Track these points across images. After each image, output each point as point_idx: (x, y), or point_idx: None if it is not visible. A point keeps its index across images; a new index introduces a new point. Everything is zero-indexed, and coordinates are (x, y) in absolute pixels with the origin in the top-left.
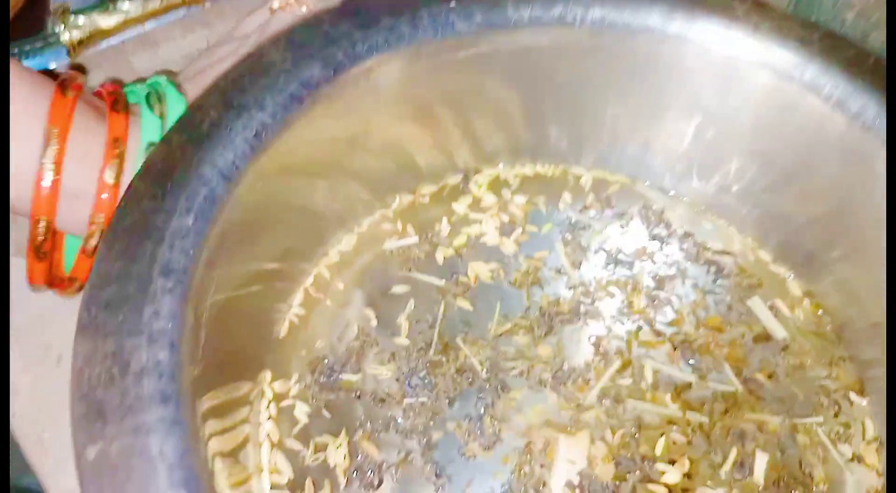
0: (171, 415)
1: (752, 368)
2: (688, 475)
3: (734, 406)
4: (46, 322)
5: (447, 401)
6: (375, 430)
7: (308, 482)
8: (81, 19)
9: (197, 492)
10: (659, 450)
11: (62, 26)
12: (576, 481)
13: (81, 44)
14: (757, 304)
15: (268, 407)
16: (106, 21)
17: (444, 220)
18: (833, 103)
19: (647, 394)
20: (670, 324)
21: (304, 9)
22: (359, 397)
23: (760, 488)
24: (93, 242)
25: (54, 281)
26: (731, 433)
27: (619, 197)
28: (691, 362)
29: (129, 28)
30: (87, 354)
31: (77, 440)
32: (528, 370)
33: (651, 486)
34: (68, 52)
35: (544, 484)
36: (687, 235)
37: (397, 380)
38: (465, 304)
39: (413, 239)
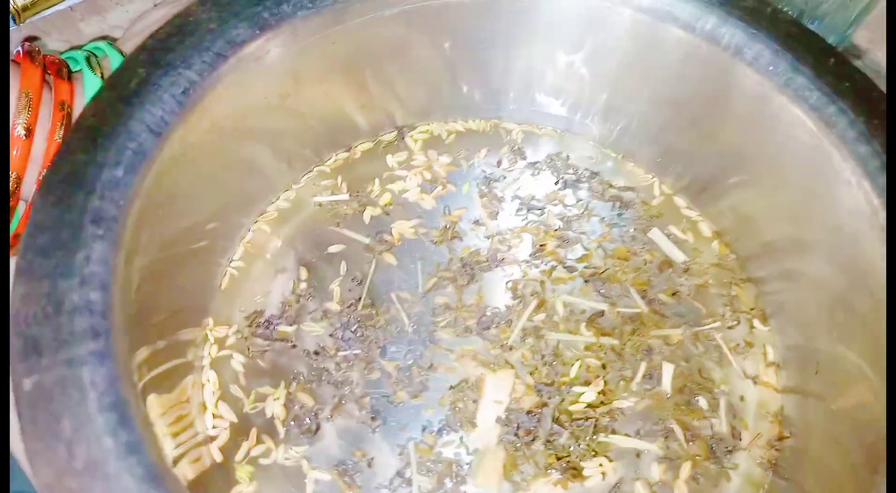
0: (102, 349)
1: (656, 290)
2: (603, 393)
3: (641, 326)
4: None
5: (378, 352)
6: (310, 381)
7: (253, 432)
8: None
9: (125, 415)
10: (574, 374)
11: None
12: (503, 414)
13: (27, 10)
14: (657, 234)
15: (209, 353)
16: None
17: (376, 181)
18: (732, 51)
19: (560, 326)
20: (580, 260)
21: None
22: (293, 347)
23: (668, 395)
24: None
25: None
26: (639, 350)
27: (530, 147)
28: (601, 291)
29: None
30: (24, 295)
31: (15, 374)
32: (454, 320)
33: (572, 407)
34: (14, 19)
35: (473, 421)
36: (593, 175)
37: (330, 335)
38: (391, 260)
39: (344, 196)
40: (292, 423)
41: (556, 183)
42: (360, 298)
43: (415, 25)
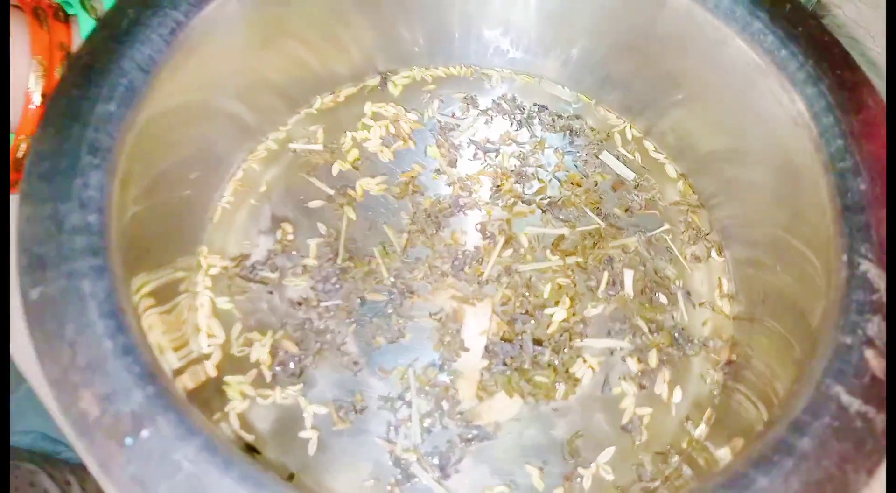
0: (100, 264)
1: (610, 205)
2: (572, 306)
3: (600, 239)
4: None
5: (358, 301)
6: (295, 330)
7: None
8: None
9: (122, 322)
10: (547, 295)
11: None
12: (484, 344)
13: None
14: (607, 156)
15: (202, 279)
16: None
17: (348, 133)
18: None
19: (528, 257)
20: (537, 192)
21: None
22: (270, 293)
23: (631, 297)
24: None
25: None
26: (601, 261)
27: (480, 92)
28: (560, 217)
29: None
30: (28, 216)
31: (22, 285)
32: (429, 268)
33: (549, 329)
34: None
35: (459, 352)
36: (541, 109)
37: (311, 288)
38: (353, 214)
39: (318, 146)
40: (278, 368)
41: (509, 123)
42: (337, 252)
43: None
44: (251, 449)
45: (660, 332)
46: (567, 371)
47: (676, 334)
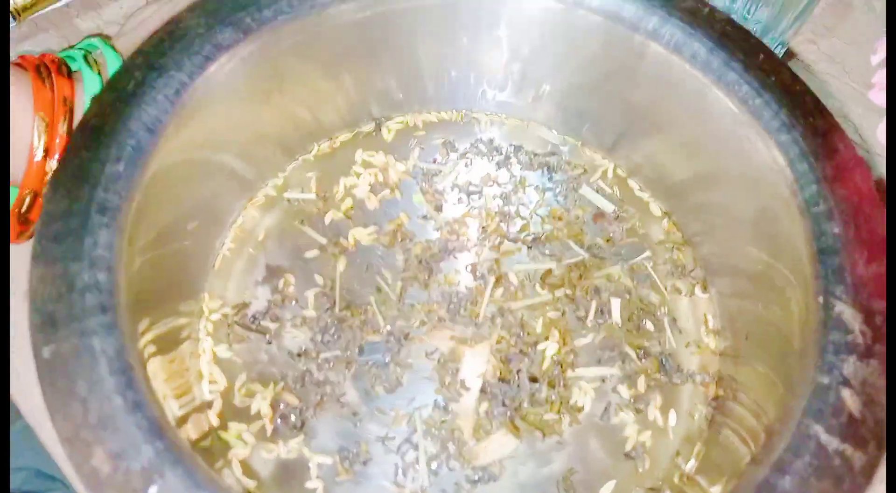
0: (109, 321)
1: (592, 237)
2: (562, 339)
3: (585, 270)
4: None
5: (357, 351)
6: (294, 382)
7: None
8: None
9: (131, 378)
10: (539, 330)
11: None
12: (480, 386)
13: (27, 9)
14: (586, 190)
15: (205, 326)
16: None
17: (342, 180)
18: (672, 48)
19: (518, 294)
20: (521, 230)
21: None
22: (269, 343)
23: (619, 325)
24: None
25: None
26: (588, 291)
27: (457, 136)
28: (546, 252)
29: None
30: (40, 276)
31: (35, 343)
32: (427, 314)
33: (543, 365)
34: (14, 17)
35: (459, 395)
36: (517, 149)
37: (311, 339)
38: (345, 264)
39: (311, 195)
40: (279, 420)
41: (489, 164)
42: (334, 302)
43: (384, 27)
44: None
45: (648, 358)
46: (567, 403)
47: (664, 360)
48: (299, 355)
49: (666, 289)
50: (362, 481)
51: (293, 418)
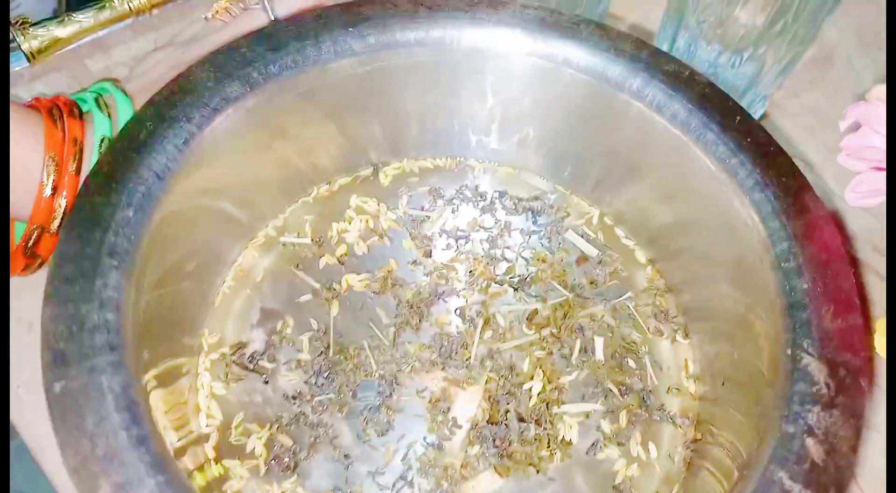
0: (117, 359)
1: (576, 278)
2: (548, 377)
3: (570, 309)
4: (16, 298)
5: (350, 394)
6: (289, 424)
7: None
8: (40, 30)
9: (136, 414)
10: (526, 369)
11: (22, 37)
12: (470, 427)
13: (41, 52)
14: (571, 235)
15: (203, 360)
16: (63, 31)
17: (334, 225)
18: (654, 109)
19: (506, 335)
20: (506, 272)
21: (231, 18)
22: (266, 383)
23: (602, 363)
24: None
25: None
26: (573, 331)
27: (451, 183)
28: (531, 292)
29: (84, 36)
30: (52, 316)
31: (46, 380)
32: (419, 360)
33: (530, 403)
34: (28, 59)
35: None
36: (501, 194)
37: (305, 383)
38: (338, 309)
39: (306, 240)
40: (273, 462)
41: (475, 210)
42: (328, 346)
43: (382, 80)
44: None
45: (630, 394)
46: (555, 439)
47: (644, 396)
48: (294, 397)
49: (648, 329)
50: None
51: (287, 459)
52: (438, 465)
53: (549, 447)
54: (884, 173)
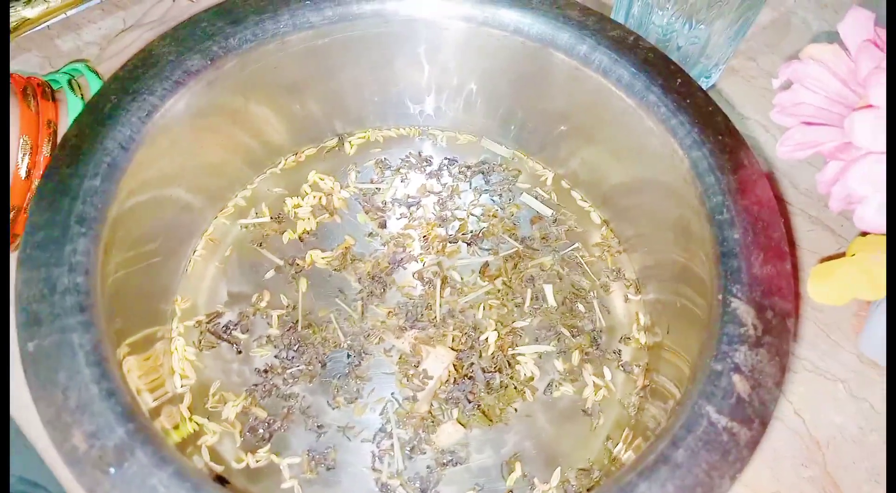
0: (87, 320)
1: (526, 232)
2: (502, 324)
3: (520, 260)
4: None
5: (320, 365)
6: (262, 396)
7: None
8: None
9: (106, 369)
10: (480, 316)
11: None
12: (440, 383)
13: (12, 32)
14: (526, 197)
15: (176, 326)
16: (31, 12)
17: (288, 201)
18: (601, 73)
19: (464, 290)
20: (459, 230)
21: None
22: (239, 353)
23: (555, 309)
24: None
25: None
26: (523, 280)
27: (389, 154)
28: (483, 246)
29: (53, 16)
30: (25, 279)
31: (21, 339)
32: (387, 327)
33: (488, 354)
34: None
35: (426, 382)
36: (451, 161)
37: (276, 357)
38: (306, 285)
39: (265, 219)
40: (248, 433)
41: (424, 177)
42: (296, 321)
43: (341, 52)
44: (221, 480)
45: (581, 335)
46: (518, 379)
47: (595, 336)
48: (265, 371)
49: (597, 277)
50: (340, 472)
51: (261, 431)
52: (415, 415)
53: (516, 389)
54: (813, 128)
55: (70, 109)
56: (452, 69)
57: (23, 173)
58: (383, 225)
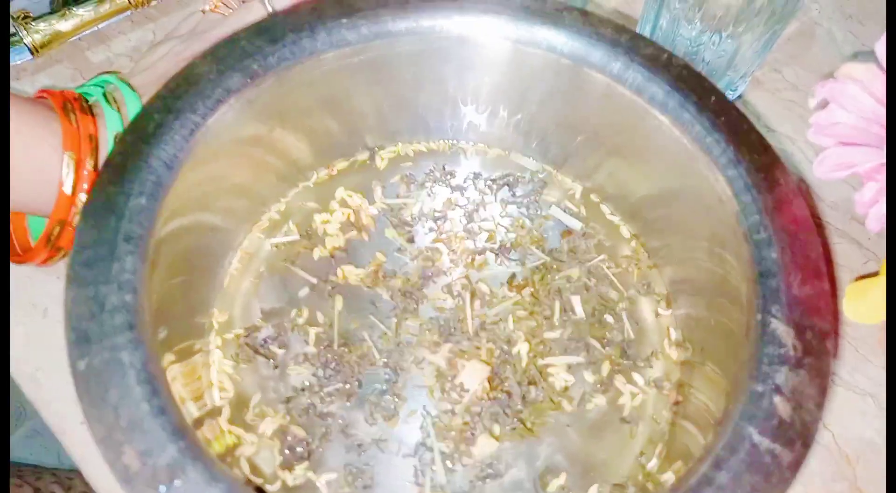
0: (136, 337)
1: (554, 244)
2: (532, 335)
3: (547, 272)
4: (31, 284)
5: (357, 383)
6: (299, 414)
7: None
8: (42, 24)
9: (156, 387)
10: (511, 326)
11: (24, 31)
12: (474, 402)
13: (44, 46)
14: (554, 209)
15: (214, 339)
16: (64, 25)
17: (316, 217)
18: (634, 91)
19: (493, 302)
20: (487, 240)
21: (228, 11)
22: (276, 368)
23: (584, 320)
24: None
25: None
26: (550, 292)
27: (419, 168)
28: (511, 257)
29: (85, 29)
30: (74, 298)
31: (71, 357)
32: (420, 342)
33: (522, 367)
34: (32, 53)
35: (463, 395)
36: (476, 175)
37: (313, 375)
38: (342, 302)
39: (294, 236)
40: (287, 451)
41: (449, 191)
42: (332, 339)
43: (376, 68)
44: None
45: (610, 346)
46: (554, 391)
47: (625, 347)
48: (303, 389)
49: (626, 288)
50: (378, 488)
51: (300, 449)
52: (454, 429)
53: (552, 401)
54: (850, 148)
55: (109, 124)
56: (485, 85)
57: (68, 189)
58: (411, 240)
